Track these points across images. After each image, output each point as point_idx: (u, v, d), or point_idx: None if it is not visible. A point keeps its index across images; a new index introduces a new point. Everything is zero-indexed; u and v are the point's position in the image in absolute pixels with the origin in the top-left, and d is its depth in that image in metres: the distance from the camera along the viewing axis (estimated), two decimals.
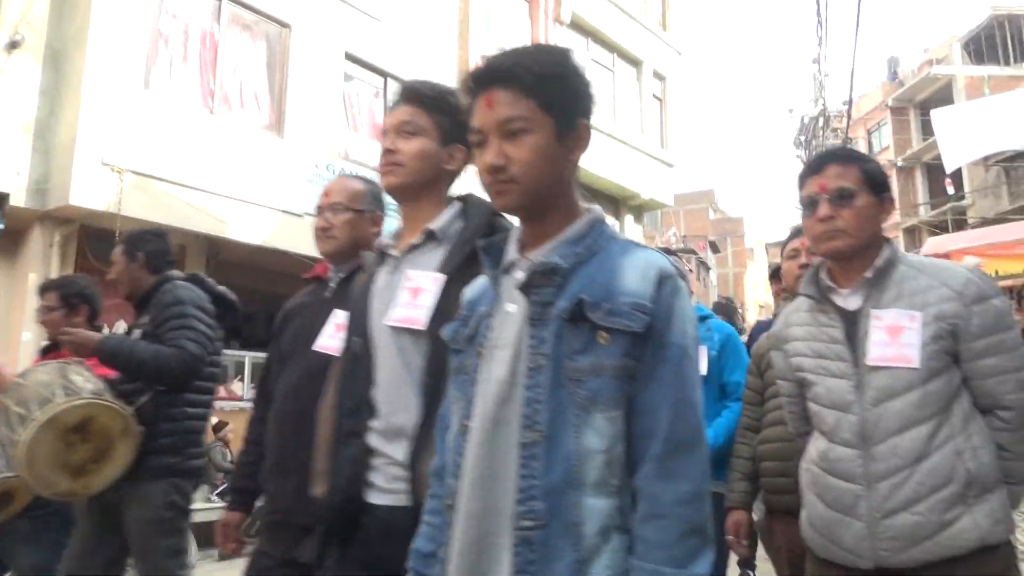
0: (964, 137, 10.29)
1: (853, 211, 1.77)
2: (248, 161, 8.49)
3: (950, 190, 14.97)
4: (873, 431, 1.72)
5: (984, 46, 28.71)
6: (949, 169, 10.46)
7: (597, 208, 1.34)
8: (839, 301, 1.86)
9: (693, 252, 40.79)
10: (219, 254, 8.59)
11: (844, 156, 1.91)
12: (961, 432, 1.70)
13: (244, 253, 8.63)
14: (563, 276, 1.22)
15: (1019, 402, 1.72)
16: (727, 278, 50.01)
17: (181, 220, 7.90)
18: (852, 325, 1.80)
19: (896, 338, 1.72)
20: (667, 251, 1.75)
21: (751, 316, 43.04)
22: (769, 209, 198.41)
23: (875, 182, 1.82)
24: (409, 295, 1.61)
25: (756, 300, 48.34)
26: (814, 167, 1.87)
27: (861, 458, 1.73)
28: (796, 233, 2.73)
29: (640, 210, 15.62)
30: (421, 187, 1.72)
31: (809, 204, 1.84)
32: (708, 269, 45.04)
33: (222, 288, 3.14)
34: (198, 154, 8.04)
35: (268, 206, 8.61)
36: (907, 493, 1.68)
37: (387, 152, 1.71)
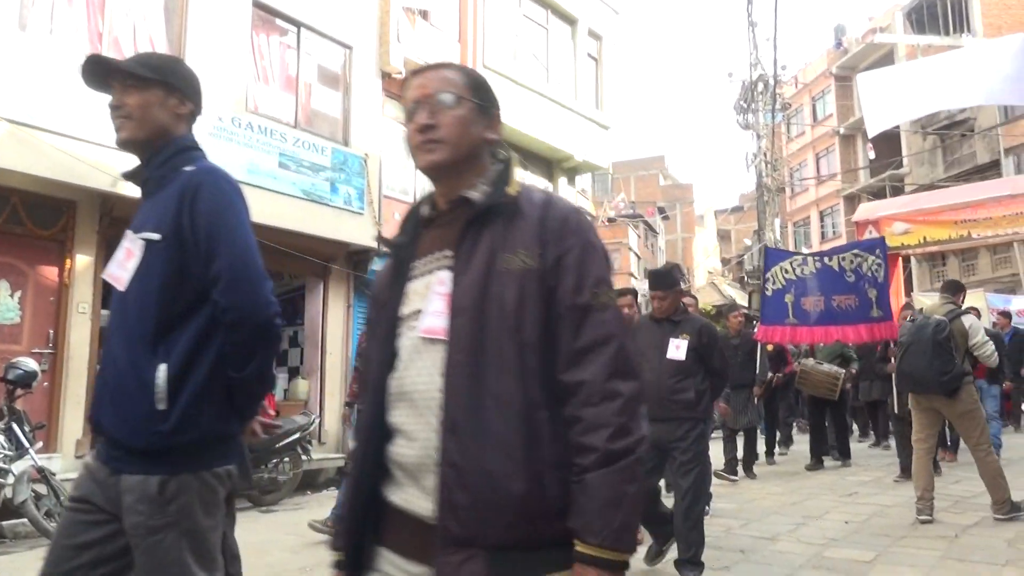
0: (889, 101, 10.24)
1: None
2: None
3: (871, 155, 15.08)
4: None
5: (926, 16, 28.98)
6: (871, 133, 10.41)
7: None
8: None
9: (640, 217, 40.98)
10: (112, 211, 8.10)
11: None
12: None
13: (136, 209, 8.15)
14: None
15: None
16: (676, 244, 50.40)
17: (68, 174, 7.42)
18: None
19: None
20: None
21: (699, 280, 43.56)
22: (718, 175, 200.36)
23: None
24: None
25: (706, 267, 48.82)
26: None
27: None
28: None
29: (574, 172, 15.38)
30: None
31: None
32: (656, 235, 45.32)
33: None
34: (85, 103, 7.48)
35: None
36: None
37: None
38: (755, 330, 8.41)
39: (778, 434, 10.24)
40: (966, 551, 4.62)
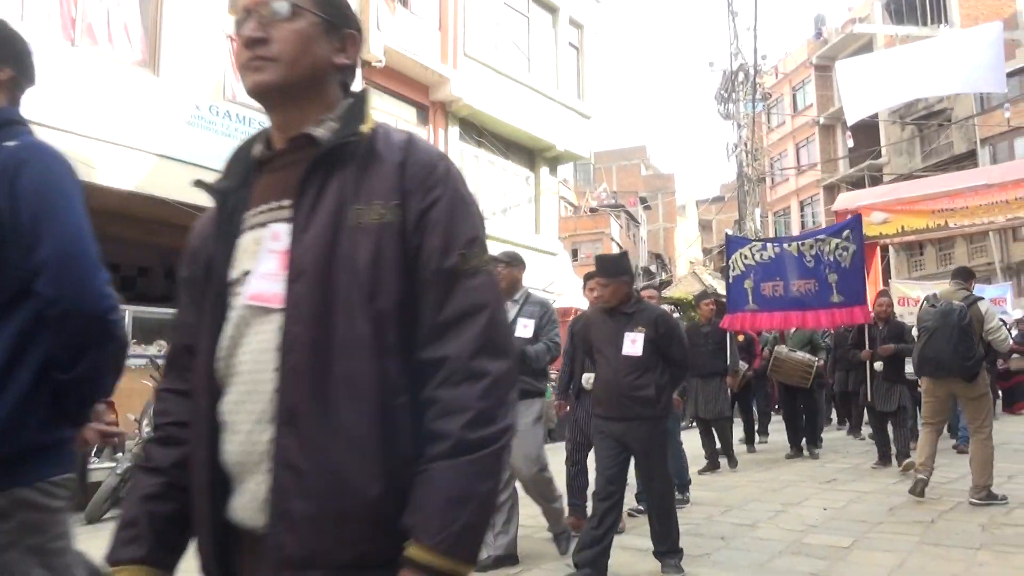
0: (867, 89, 10.35)
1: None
2: (118, 100, 7.86)
3: (850, 143, 15.24)
4: None
5: (904, 6, 29.18)
6: (851, 121, 10.52)
7: None
8: None
9: (622, 207, 41.07)
10: (87, 200, 7.98)
11: None
12: None
13: (116, 200, 8.05)
14: None
15: None
16: (658, 234, 50.59)
17: None
18: None
19: None
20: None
21: (680, 270, 43.76)
22: (699, 165, 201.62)
23: None
24: None
25: (688, 257, 49.07)
26: None
27: None
28: None
29: (555, 162, 15.37)
30: None
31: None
32: (638, 224, 45.45)
33: None
34: (58, 91, 7.37)
35: (142, 149, 8.03)
36: None
37: None
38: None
39: (756, 423, 10.30)
40: (942, 536, 4.69)
